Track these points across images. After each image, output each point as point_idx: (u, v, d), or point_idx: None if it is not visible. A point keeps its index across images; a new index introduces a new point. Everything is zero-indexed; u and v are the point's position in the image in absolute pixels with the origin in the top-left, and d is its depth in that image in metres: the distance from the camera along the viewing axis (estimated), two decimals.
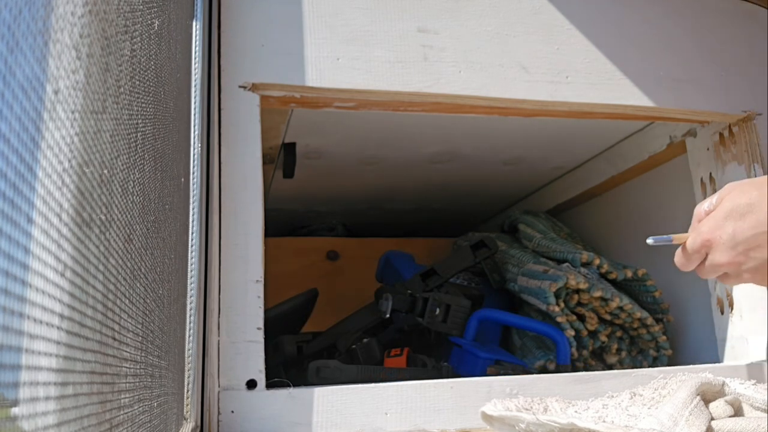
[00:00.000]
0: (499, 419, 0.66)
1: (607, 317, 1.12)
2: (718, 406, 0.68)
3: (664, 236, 0.74)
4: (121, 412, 0.38)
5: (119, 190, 0.38)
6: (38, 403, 0.26)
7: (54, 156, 0.28)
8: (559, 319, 1.09)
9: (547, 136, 1.22)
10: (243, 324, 0.75)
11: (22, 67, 0.25)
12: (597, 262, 1.14)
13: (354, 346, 1.03)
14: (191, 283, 0.68)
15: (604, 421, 0.64)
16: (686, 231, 0.72)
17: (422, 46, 0.90)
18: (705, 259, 0.70)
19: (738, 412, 0.69)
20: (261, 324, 0.76)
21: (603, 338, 1.12)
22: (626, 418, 0.65)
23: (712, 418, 0.65)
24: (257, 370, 0.74)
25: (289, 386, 0.74)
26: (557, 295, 1.09)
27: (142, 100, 0.46)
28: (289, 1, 0.87)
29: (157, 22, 0.51)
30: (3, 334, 0.22)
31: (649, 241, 0.74)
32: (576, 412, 0.68)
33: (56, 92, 0.29)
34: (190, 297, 0.67)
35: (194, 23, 0.75)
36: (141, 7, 0.46)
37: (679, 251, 0.72)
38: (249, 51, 0.84)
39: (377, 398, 0.76)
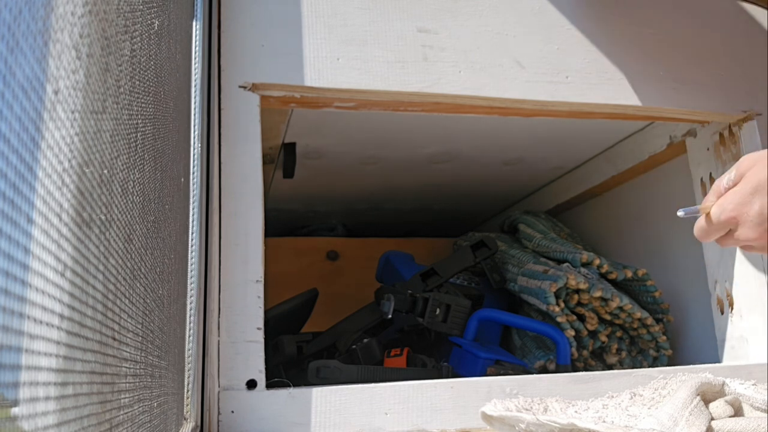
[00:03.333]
0: (499, 419, 0.66)
1: (607, 317, 1.13)
2: (718, 406, 0.68)
3: (692, 207, 0.73)
4: (121, 412, 0.38)
5: (119, 190, 0.38)
6: (38, 403, 0.26)
7: (54, 156, 0.28)
8: (559, 319, 1.09)
9: (547, 136, 1.22)
10: (243, 324, 0.75)
11: (22, 67, 0.25)
12: (597, 262, 1.14)
13: (354, 346, 1.02)
14: (191, 283, 0.68)
15: (604, 422, 0.64)
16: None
17: (422, 46, 0.90)
18: (728, 232, 0.69)
19: (738, 412, 0.69)
20: (261, 324, 0.76)
21: (603, 338, 1.12)
22: (626, 419, 0.65)
23: (712, 418, 0.65)
24: (257, 370, 0.74)
25: (289, 386, 0.74)
26: (557, 295, 1.09)
27: (142, 100, 0.46)
28: (288, 1, 0.87)
29: (157, 22, 0.51)
30: (3, 334, 0.22)
31: (680, 213, 0.74)
32: (576, 412, 0.68)
33: (56, 92, 0.29)
34: (190, 297, 0.67)
35: (194, 23, 0.75)
36: (141, 7, 0.46)
37: (701, 223, 0.71)
38: (249, 51, 0.84)
39: (377, 398, 0.76)
